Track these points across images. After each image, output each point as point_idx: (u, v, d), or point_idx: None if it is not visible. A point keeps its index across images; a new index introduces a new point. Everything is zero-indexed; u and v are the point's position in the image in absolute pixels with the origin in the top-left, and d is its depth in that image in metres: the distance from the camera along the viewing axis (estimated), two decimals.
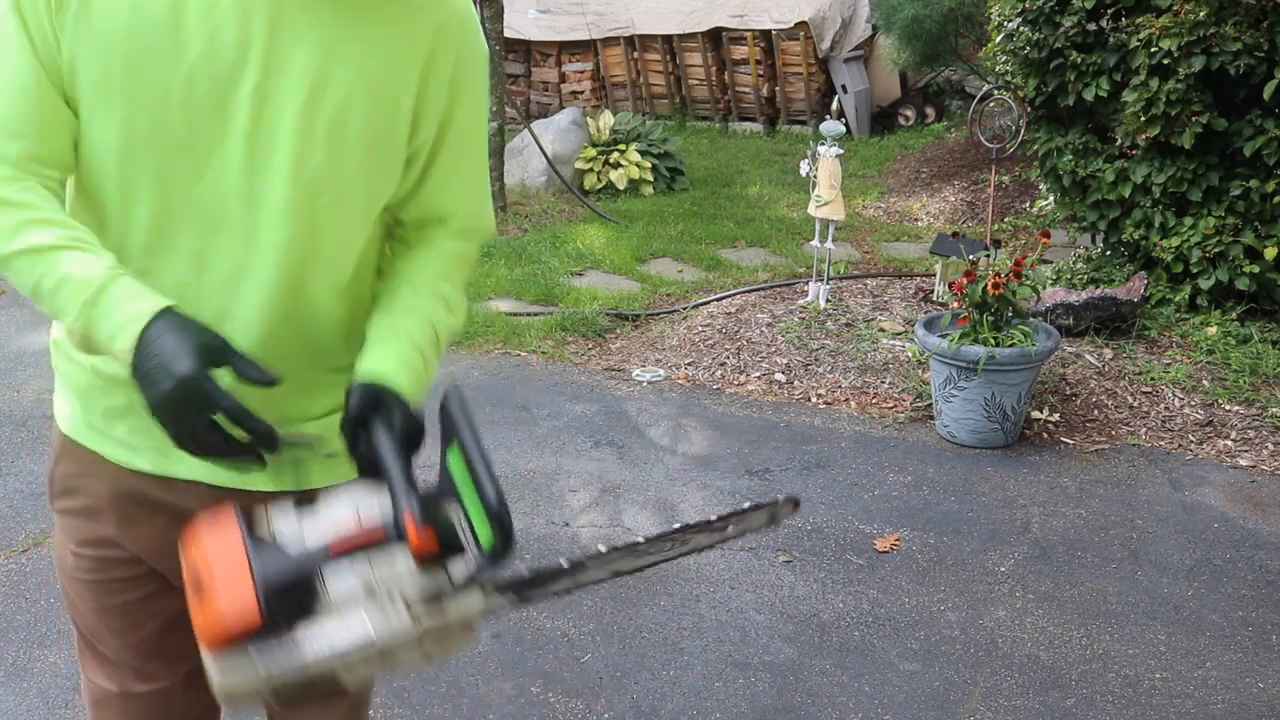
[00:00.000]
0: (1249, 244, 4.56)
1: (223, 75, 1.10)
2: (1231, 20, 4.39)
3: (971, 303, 3.78)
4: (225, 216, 1.16)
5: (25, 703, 2.54)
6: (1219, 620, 2.88)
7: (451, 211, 1.33)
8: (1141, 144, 4.83)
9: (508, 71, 9.84)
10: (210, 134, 1.12)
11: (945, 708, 2.56)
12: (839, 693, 2.60)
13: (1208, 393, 4.16)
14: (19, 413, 4.10)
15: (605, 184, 7.47)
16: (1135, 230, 4.88)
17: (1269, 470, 3.68)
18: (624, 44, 10.19)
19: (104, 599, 1.35)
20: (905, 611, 2.93)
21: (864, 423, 4.11)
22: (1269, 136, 4.42)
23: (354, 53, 1.15)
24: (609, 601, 2.95)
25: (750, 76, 9.72)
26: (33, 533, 3.27)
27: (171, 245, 1.17)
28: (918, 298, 5.32)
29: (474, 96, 1.27)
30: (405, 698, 2.56)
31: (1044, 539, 3.28)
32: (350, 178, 1.19)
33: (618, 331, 5.07)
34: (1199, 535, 3.29)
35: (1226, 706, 2.56)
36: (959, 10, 7.60)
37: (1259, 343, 4.45)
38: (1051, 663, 2.72)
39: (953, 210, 7.11)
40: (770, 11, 9.29)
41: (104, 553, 1.32)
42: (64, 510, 1.35)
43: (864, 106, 9.48)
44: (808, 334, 4.85)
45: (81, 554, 1.33)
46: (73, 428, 1.30)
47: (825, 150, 4.96)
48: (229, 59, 1.10)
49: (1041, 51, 4.97)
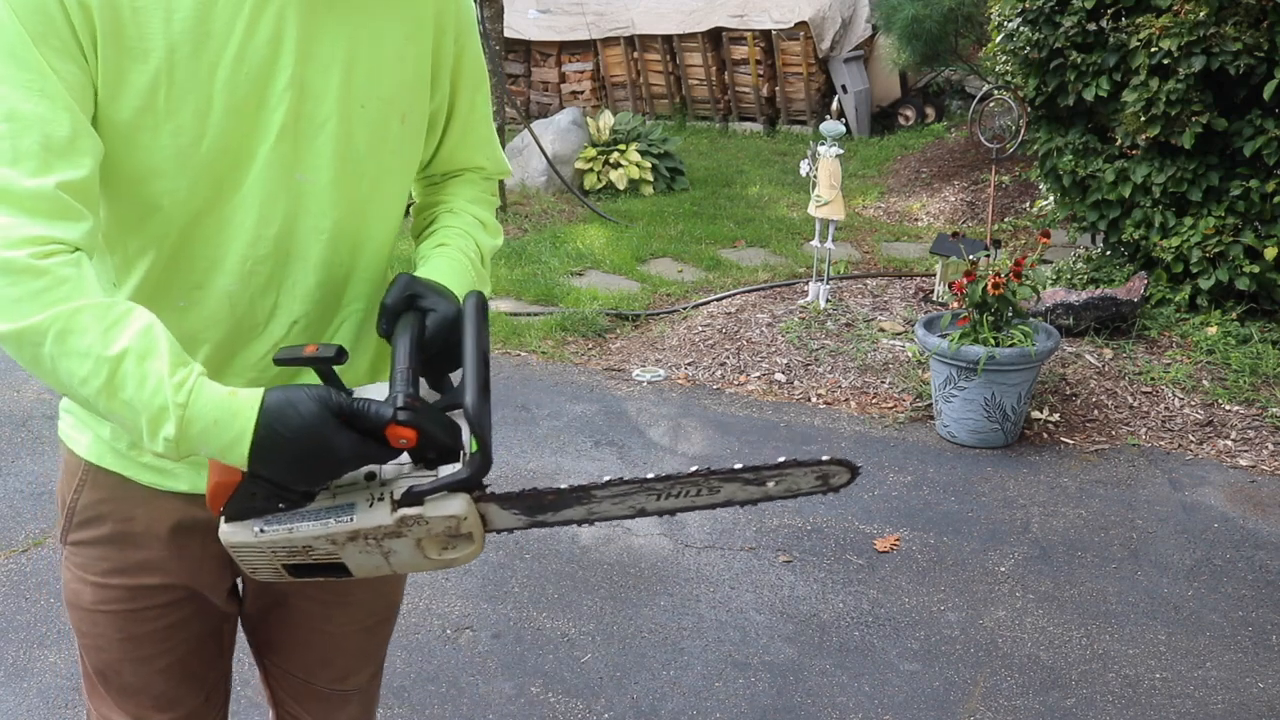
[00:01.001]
0: (1249, 244, 4.56)
1: (260, 74, 1.08)
2: (1231, 20, 4.38)
3: (971, 303, 3.78)
4: (271, 215, 1.14)
5: (25, 703, 2.54)
6: (1219, 620, 2.88)
7: (476, 162, 1.37)
8: (1141, 144, 4.83)
9: (508, 71, 9.84)
10: (254, 134, 1.10)
11: (945, 708, 2.56)
12: (839, 693, 2.60)
13: (1208, 393, 4.16)
14: (19, 413, 4.10)
15: (605, 184, 7.47)
16: (1135, 230, 4.88)
17: (1269, 470, 3.68)
18: (624, 44, 10.19)
19: (133, 627, 1.29)
20: (905, 611, 2.93)
21: (864, 423, 4.11)
22: (1269, 136, 4.42)
23: (376, 25, 1.15)
24: (609, 601, 2.95)
25: (750, 76, 9.72)
26: (33, 533, 3.27)
27: (219, 255, 1.14)
28: (918, 298, 5.32)
29: (474, 45, 1.29)
30: (405, 697, 2.56)
31: (1044, 539, 3.28)
32: (391, 151, 1.20)
33: (618, 331, 5.07)
34: (1199, 535, 3.29)
35: (1226, 706, 2.56)
36: (959, 10, 7.60)
37: (1259, 343, 4.45)
38: (1051, 663, 2.72)
39: (953, 210, 7.11)
40: (770, 11, 9.29)
41: (137, 580, 1.27)
42: (85, 541, 1.29)
43: (864, 106, 9.48)
44: (808, 334, 4.85)
45: (108, 584, 1.28)
46: (96, 454, 1.25)
47: (825, 150, 4.96)
48: (262, 55, 1.08)
49: (1041, 51, 4.97)
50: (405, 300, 1.14)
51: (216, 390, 1.00)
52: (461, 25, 1.25)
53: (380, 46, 1.16)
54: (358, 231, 1.21)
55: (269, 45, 1.08)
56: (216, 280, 1.15)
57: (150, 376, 0.97)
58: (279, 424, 0.99)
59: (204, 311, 1.17)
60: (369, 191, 1.20)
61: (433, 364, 1.14)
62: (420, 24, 1.20)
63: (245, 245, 1.14)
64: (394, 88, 1.18)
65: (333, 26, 1.12)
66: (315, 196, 1.15)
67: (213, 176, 1.10)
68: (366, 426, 1.02)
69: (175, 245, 1.13)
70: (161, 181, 1.09)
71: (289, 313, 1.20)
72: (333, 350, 1.02)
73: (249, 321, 1.19)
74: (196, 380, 0.99)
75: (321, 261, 1.19)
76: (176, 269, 1.15)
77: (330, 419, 1.00)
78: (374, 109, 1.16)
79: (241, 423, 0.99)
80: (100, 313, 0.98)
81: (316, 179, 1.14)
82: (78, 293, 0.97)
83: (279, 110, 1.10)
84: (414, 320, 1.13)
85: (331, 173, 1.15)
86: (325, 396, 1.01)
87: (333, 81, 1.12)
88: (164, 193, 1.09)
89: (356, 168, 1.17)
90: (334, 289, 1.22)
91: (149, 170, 1.08)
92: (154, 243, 1.13)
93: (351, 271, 1.23)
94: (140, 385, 0.97)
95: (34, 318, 0.95)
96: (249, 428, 0.99)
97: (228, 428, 0.99)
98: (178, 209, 1.10)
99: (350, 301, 1.25)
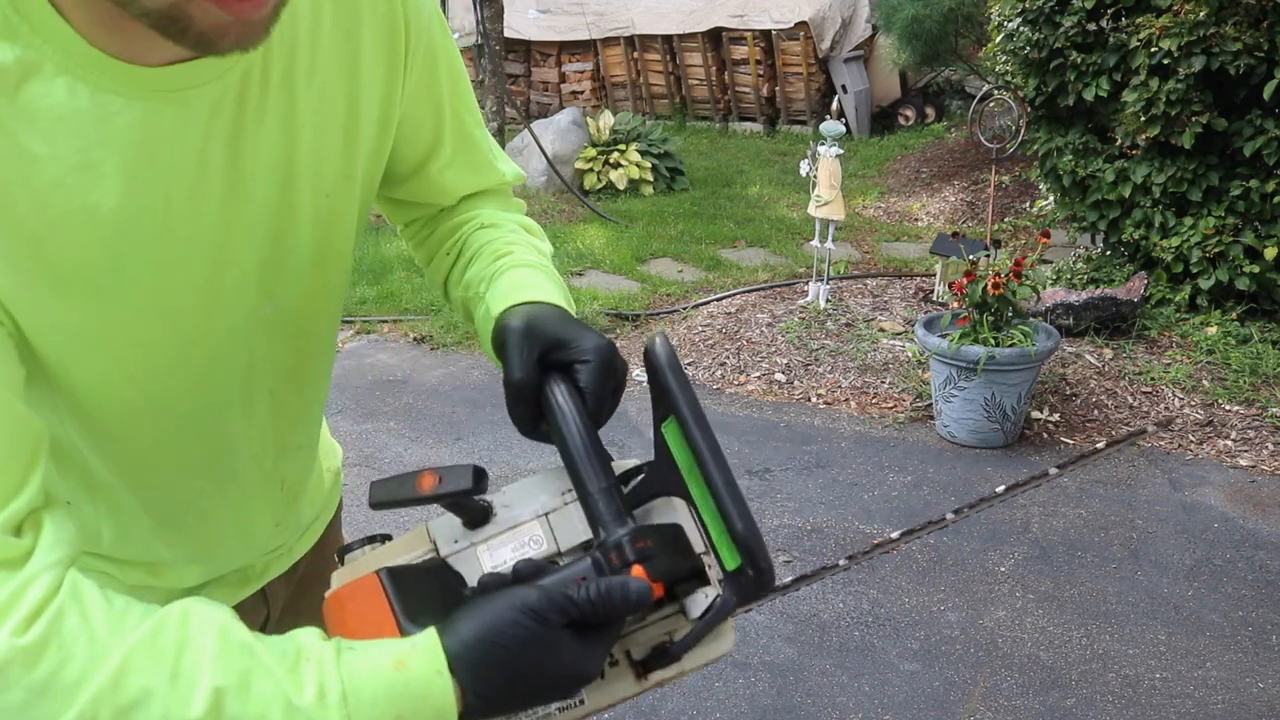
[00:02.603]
0: (1249, 244, 4.56)
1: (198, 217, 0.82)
2: (1231, 20, 4.38)
3: (971, 303, 3.78)
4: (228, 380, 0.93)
5: None
6: (1219, 620, 2.88)
7: (489, 182, 1.09)
8: (1141, 144, 4.83)
9: (508, 71, 9.84)
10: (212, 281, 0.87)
11: (945, 708, 2.56)
12: (839, 693, 2.60)
13: (1208, 393, 4.16)
14: None
15: (605, 184, 7.47)
16: (1135, 230, 4.88)
17: (1269, 470, 3.68)
18: (624, 44, 10.20)
19: None
20: (905, 611, 2.92)
21: (864, 423, 4.11)
22: (1269, 136, 4.42)
23: (323, 83, 0.87)
24: None
25: (750, 76, 9.72)
26: None
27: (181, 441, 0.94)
28: (918, 298, 5.32)
29: (447, 49, 1.00)
30: None
31: (1044, 539, 3.28)
32: (356, 217, 0.96)
33: (618, 331, 5.06)
34: (1199, 535, 3.29)
35: (1226, 706, 2.56)
36: (959, 10, 7.60)
37: (1259, 343, 4.45)
38: (1051, 663, 2.72)
39: (953, 210, 7.11)
40: (770, 11, 9.29)
41: None
42: None
43: (864, 106, 9.48)
44: (808, 334, 4.85)
45: None
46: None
47: (825, 150, 4.96)
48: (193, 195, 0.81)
49: (1041, 51, 4.97)
50: (538, 363, 0.81)
51: (373, 663, 0.67)
52: (425, 41, 0.95)
53: (338, 104, 0.90)
54: (317, 331, 1.02)
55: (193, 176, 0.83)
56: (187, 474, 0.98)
57: (268, 703, 0.65)
58: (489, 675, 0.68)
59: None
60: (336, 280, 0.99)
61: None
62: (370, 65, 0.92)
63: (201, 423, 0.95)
64: (367, 140, 0.95)
65: (273, 124, 0.87)
66: (282, 324, 0.95)
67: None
68: (608, 615, 0.70)
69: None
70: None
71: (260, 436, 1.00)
72: (469, 475, 0.73)
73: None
74: (340, 667, 0.67)
75: (282, 381, 1.00)
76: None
77: (560, 633, 0.69)
78: (342, 188, 0.94)
79: (437, 699, 0.67)
80: (147, 646, 0.65)
81: (288, 301, 0.95)
82: (92, 637, 0.65)
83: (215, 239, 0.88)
84: (563, 387, 0.79)
85: (299, 297, 0.96)
86: (534, 602, 0.69)
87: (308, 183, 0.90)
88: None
89: (326, 259, 0.96)
90: (297, 389, 1.03)
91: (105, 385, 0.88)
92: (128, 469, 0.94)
93: (315, 351, 1.03)
94: None
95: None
96: (449, 702, 0.67)
97: (420, 712, 0.67)
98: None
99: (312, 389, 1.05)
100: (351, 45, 0.87)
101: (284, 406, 0.99)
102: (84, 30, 0.71)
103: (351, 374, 4.67)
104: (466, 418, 4.25)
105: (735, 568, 0.73)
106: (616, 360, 0.82)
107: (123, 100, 0.74)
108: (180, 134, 0.77)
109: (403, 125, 0.95)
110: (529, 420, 0.81)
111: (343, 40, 0.86)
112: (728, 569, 0.74)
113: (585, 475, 0.75)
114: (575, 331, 0.81)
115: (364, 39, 0.88)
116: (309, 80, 0.84)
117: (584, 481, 0.75)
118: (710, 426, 0.73)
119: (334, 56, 0.86)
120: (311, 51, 0.84)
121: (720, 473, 0.72)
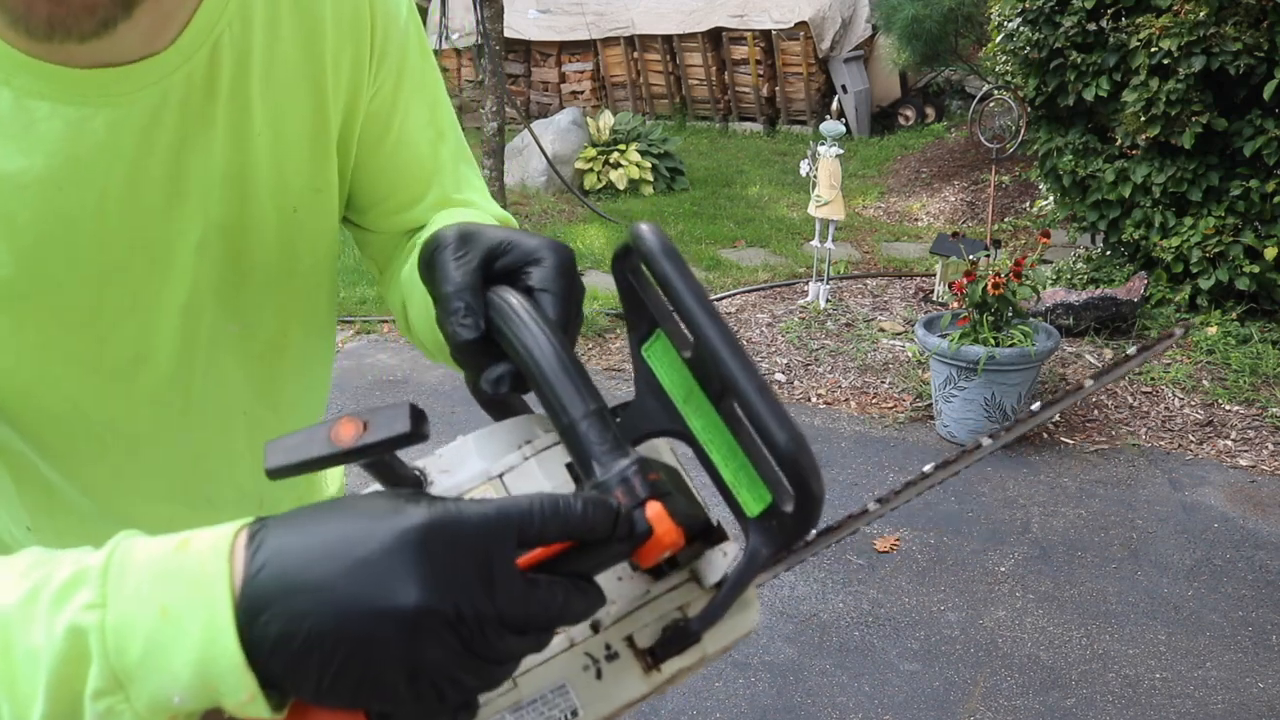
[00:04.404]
0: (1249, 244, 4.56)
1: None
2: (1231, 20, 4.39)
3: (971, 303, 3.78)
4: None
5: None
6: (1219, 620, 2.88)
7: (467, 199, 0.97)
8: (1141, 144, 4.84)
9: (508, 71, 9.84)
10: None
11: (945, 708, 2.56)
12: (839, 693, 2.60)
13: (1208, 393, 4.16)
14: None
15: (605, 184, 7.48)
16: (1135, 230, 4.88)
17: (1269, 470, 3.68)
18: (624, 44, 10.20)
19: None
20: (905, 611, 2.92)
21: (864, 423, 4.11)
22: (1269, 136, 4.42)
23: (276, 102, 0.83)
24: None
25: (750, 76, 9.72)
26: None
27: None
28: (918, 298, 5.32)
29: (421, 59, 0.92)
30: None
31: (1044, 539, 3.28)
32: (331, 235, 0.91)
33: (618, 331, 5.06)
34: (1199, 535, 3.29)
35: (1226, 706, 2.56)
36: (959, 10, 7.61)
37: (1259, 343, 4.45)
38: (1051, 663, 2.72)
39: (953, 210, 7.11)
40: (770, 11, 9.29)
41: None
42: None
43: (864, 106, 9.48)
44: (808, 334, 4.85)
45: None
46: None
47: (825, 150, 4.96)
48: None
49: (1041, 51, 4.98)
50: (477, 267, 0.65)
51: (157, 545, 0.49)
52: (389, 47, 0.89)
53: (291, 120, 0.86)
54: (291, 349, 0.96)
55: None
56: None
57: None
58: (316, 597, 0.46)
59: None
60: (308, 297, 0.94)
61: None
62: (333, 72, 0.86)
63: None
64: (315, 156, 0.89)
65: (220, 138, 0.83)
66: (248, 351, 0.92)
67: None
68: (597, 535, 0.52)
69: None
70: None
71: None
72: (405, 416, 0.55)
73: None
74: (114, 551, 0.49)
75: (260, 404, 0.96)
76: None
77: (503, 549, 0.49)
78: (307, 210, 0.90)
79: (207, 587, 0.47)
80: None
81: (258, 325, 0.92)
82: None
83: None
84: (517, 296, 0.62)
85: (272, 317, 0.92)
86: (467, 509, 0.50)
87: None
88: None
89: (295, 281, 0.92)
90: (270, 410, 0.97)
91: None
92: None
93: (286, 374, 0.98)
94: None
95: None
96: (220, 592, 0.47)
97: (193, 604, 0.47)
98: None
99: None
100: (315, 51, 0.82)
101: (261, 426, 0.93)
102: (3, 31, 0.68)
103: (351, 374, 4.67)
104: (466, 418, 4.25)
105: (764, 509, 0.55)
106: (575, 267, 0.69)
107: (50, 105, 0.70)
108: (113, 141, 0.74)
109: (367, 148, 0.89)
110: (477, 351, 0.62)
111: (304, 46, 0.81)
112: (751, 515, 0.56)
113: (566, 398, 0.56)
114: (521, 235, 0.67)
115: (327, 43, 0.83)
116: (265, 88, 0.80)
117: (566, 406, 0.56)
118: (727, 323, 0.56)
119: (295, 64, 0.81)
120: (268, 58, 0.80)
121: (748, 376, 0.53)
